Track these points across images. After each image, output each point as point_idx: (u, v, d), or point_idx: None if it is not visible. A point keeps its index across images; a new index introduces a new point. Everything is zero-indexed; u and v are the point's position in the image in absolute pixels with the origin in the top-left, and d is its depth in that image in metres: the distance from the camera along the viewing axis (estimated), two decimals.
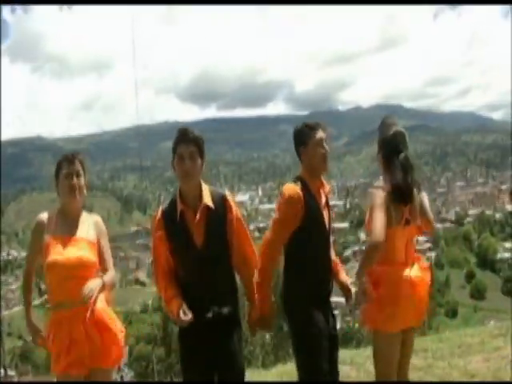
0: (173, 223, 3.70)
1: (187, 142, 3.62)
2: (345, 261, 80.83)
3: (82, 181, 3.92)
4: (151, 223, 3.83)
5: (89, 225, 3.97)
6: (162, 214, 3.76)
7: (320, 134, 3.94)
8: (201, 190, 3.69)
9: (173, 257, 3.75)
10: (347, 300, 4.17)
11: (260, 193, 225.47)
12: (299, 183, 3.93)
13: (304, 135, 3.95)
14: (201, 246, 3.65)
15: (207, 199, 3.66)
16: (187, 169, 3.61)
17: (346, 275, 4.22)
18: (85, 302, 3.63)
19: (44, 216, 3.90)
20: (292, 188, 3.90)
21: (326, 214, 4.00)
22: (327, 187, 4.07)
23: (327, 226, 4.01)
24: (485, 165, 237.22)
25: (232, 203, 3.74)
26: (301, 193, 3.87)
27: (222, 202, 3.71)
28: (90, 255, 3.86)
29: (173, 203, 3.74)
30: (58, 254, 3.76)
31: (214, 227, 3.67)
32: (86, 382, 3.81)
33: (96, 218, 4.07)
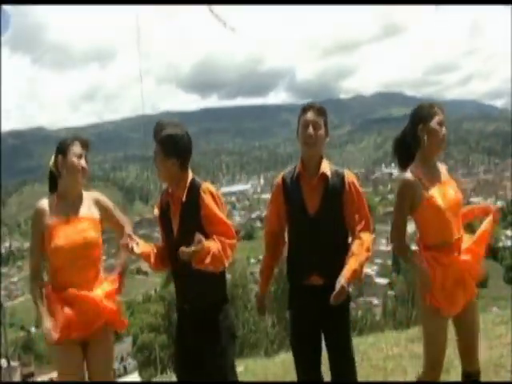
0: (162, 211, 3.83)
1: (155, 140, 3.66)
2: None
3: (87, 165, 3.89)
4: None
5: (89, 203, 3.93)
6: (157, 203, 3.89)
7: (307, 117, 3.79)
8: (182, 185, 3.69)
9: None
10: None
11: (262, 182, 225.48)
12: (288, 170, 3.97)
13: (298, 118, 3.87)
14: (175, 236, 3.71)
15: (183, 193, 3.67)
16: (158, 171, 3.70)
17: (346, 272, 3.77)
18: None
19: (44, 203, 3.84)
20: (277, 177, 4.02)
21: (314, 198, 3.83)
22: (323, 170, 3.83)
23: (313, 213, 3.82)
24: (487, 153, 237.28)
25: (204, 193, 3.63)
26: (281, 181, 3.93)
27: (196, 194, 3.65)
28: (93, 234, 3.83)
29: (164, 193, 3.85)
30: (62, 236, 3.72)
31: (188, 219, 3.66)
32: (89, 383, 3.82)
33: (95, 194, 4.02)
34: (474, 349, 3.98)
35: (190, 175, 3.71)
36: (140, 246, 3.65)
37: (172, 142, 3.59)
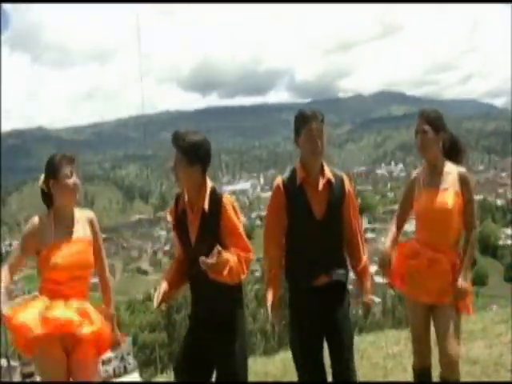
0: (177, 218, 3.84)
1: (177, 148, 3.67)
2: None
3: (78, 181, 3.92)
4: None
5: (83, 223, 3.96)
6: (171, 210, 3.91)
7: (312, 126, 3.80)
8: (202, 193, 3.71)
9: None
10: (364, 313, 4.28)
11: (262, 181, 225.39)
12: (287, 174, 3.97)
13: (298, 125, 3.88)
14: (194, 244, 3.73)
15: (204, 202, 3.68)
16: (177, 177, 3.72)
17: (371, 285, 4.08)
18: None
19: (39, 220, 3.86)
20: (276, 181, 4.00)
21: (320, 203, 3.89)
22: (327, 176, 3.92)
23: (319, 218, 3.88)
24: (486, 151, 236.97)
25: (226, 205, 3.69)
26: (282, 185, 3.92)
27: (218, 204, 3.69)
28: (88, 256, 3.89)
29: (178, 199, 3.86)
30: (63, 255, 3.76)
31: (207, 228, 3.69)
32: (87, 383, 3.83)
33: (89, 214, 4.05)
34: (449, 351, 3.93)
35: (210, 184, 3.76)
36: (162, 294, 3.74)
37: (195, 150, 3.64)
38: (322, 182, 3.89)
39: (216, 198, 3.69)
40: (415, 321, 4.17)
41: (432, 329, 4.14)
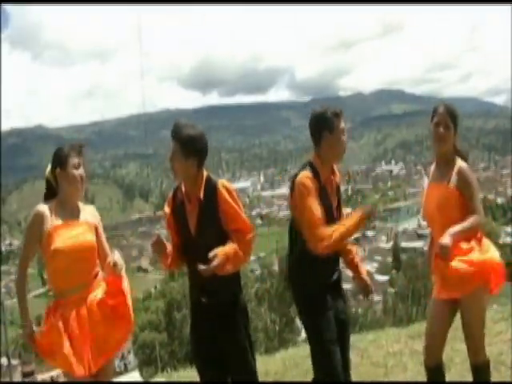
0: (174, 210, 3.88)
1: (175, 139, 3.72)
2: None
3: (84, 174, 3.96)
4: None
5: (86, 212, 4.01)
6: (169, 201, 3.95)
7: (342, 125, 3.94)
8: (198, 183, 3.77)
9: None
10: (364, 295, 4.27)
11: (262, 179, 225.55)
12: (310, 171, 3.90)
13: (330, 121, 3.88)
14: (194, 235, 3.77)
15: (200, 191, 3.74)
16: (173, 168, 3.78)
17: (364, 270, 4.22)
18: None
19: (43, 208, 3.86)
20: (304, 175, 3.85)
21: (335, 201, 4.02)
22: (338, 174, 4.08)
23: (335, 214, 3.99)
24: (487, 150, 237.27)
25: (221, 189, 3.74)
26: (312, 182, 3.85)
27: (213, 192, 3.75)
28: (91, 238, 3.92)
29: (176, 191, 3.91)
30: (61, 240, 3.78)
31: (206, 217, 3.75)
32: (91, 382, 3.85)
33: (90, 207, 4.11)
34: (473, 339, 4.11)
35: (205, 173, 3.82)
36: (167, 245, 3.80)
37: (192, 142, 3.68)
38: (334, 181, 4.04)
39: (211, 186, 3.76)
40: (434, 318, 4.17)
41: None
